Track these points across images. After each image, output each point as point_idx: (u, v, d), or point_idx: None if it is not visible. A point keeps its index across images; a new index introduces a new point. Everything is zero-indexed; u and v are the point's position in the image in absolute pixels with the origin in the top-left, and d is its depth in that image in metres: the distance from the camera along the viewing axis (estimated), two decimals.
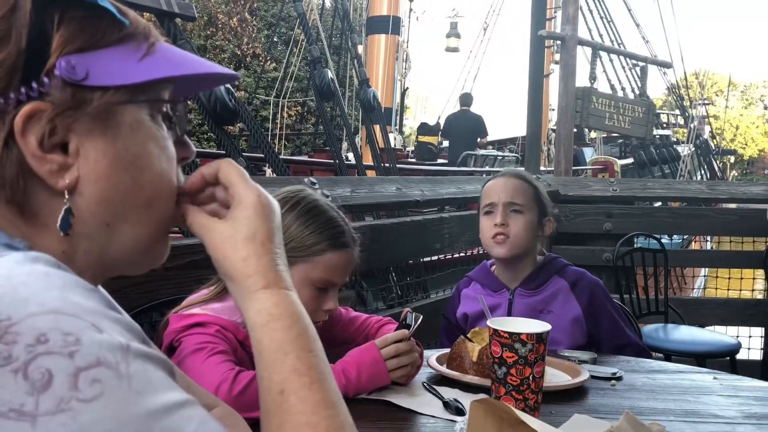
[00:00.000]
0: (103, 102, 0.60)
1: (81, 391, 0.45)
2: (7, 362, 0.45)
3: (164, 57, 0.64)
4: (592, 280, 1.93)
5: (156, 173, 0.64)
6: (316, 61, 4.52)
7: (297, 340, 0.64)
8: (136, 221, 0.64)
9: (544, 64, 4.91)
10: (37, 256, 0.52)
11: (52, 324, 0.47)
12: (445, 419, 1.25)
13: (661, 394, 1.45)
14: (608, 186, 4.08)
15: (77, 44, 0.59)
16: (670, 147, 12.42)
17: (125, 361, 0.48)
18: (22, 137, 0.57)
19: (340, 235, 1.35)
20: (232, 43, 18.95)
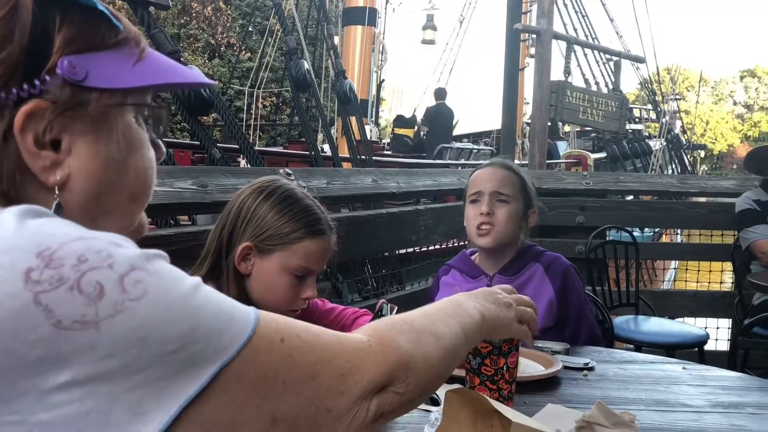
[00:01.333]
0: (100, 104, 0.63)
1: (129, 292, 0.52)
2: (60, 283, 0.50)
3: (154, 63, 0.68)
4: (565, 263, 1.96)
5: (140, 173, 0.68)
6: (292, 52, 4.51)
7: (442, 307, 0.82)
8: (119, 215, 0.68)
9: (519, 57, 4.94)
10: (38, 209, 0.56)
11: (84, 246, 0.53)
12: (419, 409, 1.26)
13: (632, 383, 1.48)
14: (581, 179, 4.12)
15: (77, 45, 0.62)
16: (642, 141, 12.58)
17: (149, 261, 0.55)
18: (21, 133, 0.59)
19: (317, 223, 1.35)
20: (207, 33, 18.75)
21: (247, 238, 1.32)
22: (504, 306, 0.95)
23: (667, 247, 5.97)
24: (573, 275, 1.95)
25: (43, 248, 0.51)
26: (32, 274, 0.50)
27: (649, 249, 4.69)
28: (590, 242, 3.60)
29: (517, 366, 1.25)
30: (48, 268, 0.50)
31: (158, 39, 3.21)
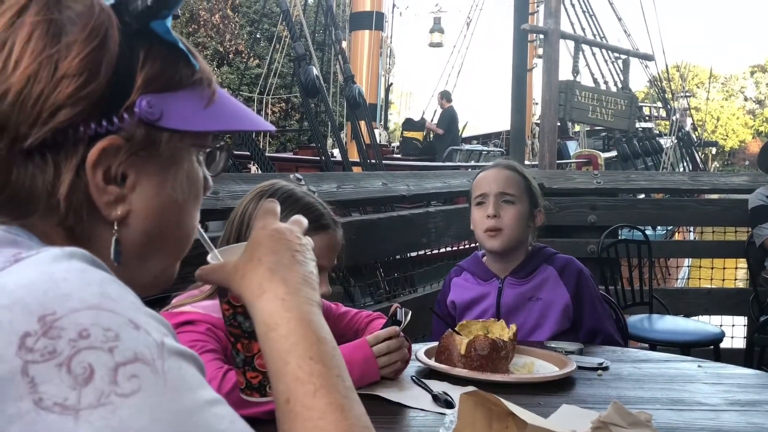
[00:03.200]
0: (171, 145, 0.63)
1: (120, 385, 0.47)
2: (51, 356, 0.46)
3: (223, 107, 0.67)
4: (579, 266, 1.95)
5: (193, 212, 0.69)
6: (300, 58, 4.53)
7: (295, 348, 0.64)
8: (166, 254, 0.68)
9: (527, 58, 4.93)
10: (72, 252, 0.53)
11: (93, 319, 0.48)
12: (434, 412, 1.26)
13: (647, 383, 1.47)
14: (592, 178, 4.11)
15: (157, 85, 0.61)
16: (653, 139, 12.51)
17: (161, 358, 0.49)
18: (93, 168, 0.59)
19: (320, 218, 1.36)
20: (215, 40, 18.83)
21: None
22: (309, 255, 0.75)
23: (680, 245, 5.92)
24: (587, 278, 1.94)
25: (48, 312, 0.48)
26: (28, 339, 0.46)
27: (662, 247, 4.67)
28: (602, 241, 3.59)
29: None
30: (45, 337, 0.47)
31: None
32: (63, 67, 0.57)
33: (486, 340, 1.46)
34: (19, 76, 0.56)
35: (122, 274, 0.62)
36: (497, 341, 1.46)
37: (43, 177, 0.58)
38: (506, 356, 1.47)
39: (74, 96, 0.57)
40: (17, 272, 0.50)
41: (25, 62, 0.56)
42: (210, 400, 0.51)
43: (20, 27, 0.57)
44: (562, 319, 1.87)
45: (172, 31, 0.63)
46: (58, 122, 0.57)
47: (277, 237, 0.72)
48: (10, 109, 0.56)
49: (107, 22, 0.59)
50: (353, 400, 0.62)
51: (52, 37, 0.57)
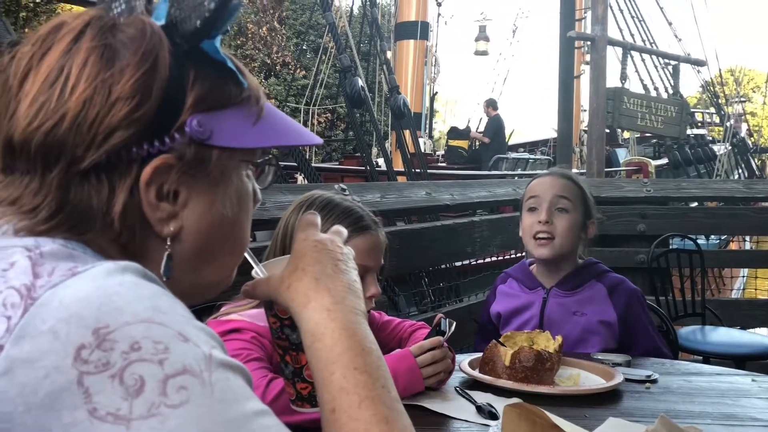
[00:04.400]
0: (221, 163, 0.65)
1: (169, 397, 0.48)
2: (105, 368, 0.48)
3: (271, 123, 0.69)
4: (631, 288, 1.90)
5: (244, 227, 0.71)
6: (346, 70, 4.57)
7: (340, 358, 0.64)
8: (219, 266, 0.70)
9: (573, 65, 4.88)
10: (126, 266, 0.55)
11: (145, 332, 0.50)
12: (478, 424, 1.26)
13: (697, 397, 1.43)
14: (642, 187, 4.03)
15: (207, 104, 0.63)
16: (706, 146, 12.17)
17: (208, 370, 0.51)
18: (146, 187, 0.61)
19: (360, 220, 1.37)
20: (262, 52, 19.16)
21: None
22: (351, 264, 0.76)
23: (735, 255, 5.76)
24: (638, 300, 1.89)
25: (102, 325, 0.50)
26: (83, 351, 0.49)
27: (715, 257, 4.54)
28: (652, 251, 3.51)
29: None
30: (99, 349, 0.49)
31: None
32: (116, 91, 0.59)
33: (531, 351, 1.45)
34: (75, 100, 0.59)
35: (175, 287, 0.64)
36: (542, 353, 1.45)
37: (98, 196, 0.60)
38: (551, 368, 1.45)
39: (127, 118, 0.59)
40: (73, 286, 0.52)
41: (81, 87, 0.59)
42: (257, 411, 0.52)
43: (76, 53, 0.60)
44: (606, 339, 1.83)
45: (221, 50, 0.65)
46: (112, 144, 0.59)
47: (320, 247, 0.73)
48: (67, 133, 0.59)
49: (158, 45, 0.61)
50: (398, 411, 0.63)
51: (107, 61, 0.60)
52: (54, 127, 0.58)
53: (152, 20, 0.63)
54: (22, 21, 13.04)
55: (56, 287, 0.52)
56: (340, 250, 0.75)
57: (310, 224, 0.77)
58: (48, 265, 0.54)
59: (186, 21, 0.62)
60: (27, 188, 0.60)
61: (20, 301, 0.51)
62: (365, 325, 0.69)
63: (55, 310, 0.50)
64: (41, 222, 0.59)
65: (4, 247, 0.57)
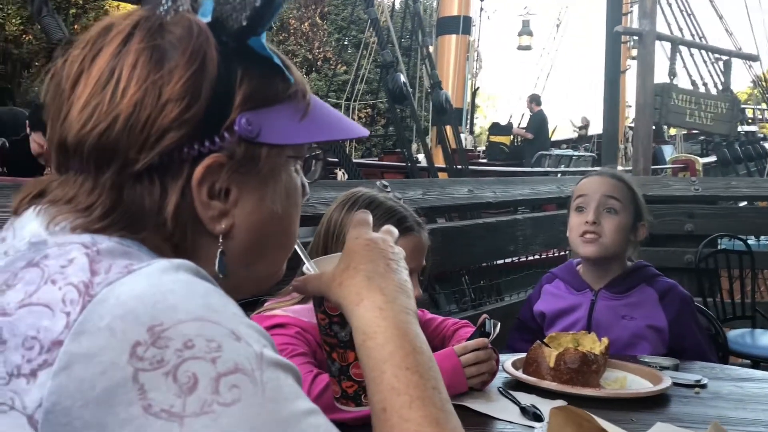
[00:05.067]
0: (270, 160, 0.65)
1: (221, 395, 0.49)
2: (160, 365, 0.49)
3: (318, 118, 0.69)
4: (683, 294, 1.86)
5: (293, 221, 0.71)
6: (388, 66, 4.57)
7: (392, 357, 0.64)
8: (270, 261, 0.71)
9: (620, 60, 4.79)
10: (179, 264, 0.56)
11: (198, 330, 0.51)
12: (522, 425, 1.24)
13: (749, 403, 1.39)
14: (689, 185, 3.93)
15: (255, 102, 0.63)
16: (757, 144, 11.81)
17: (260, 369, 0.52)
18: (198, 186, 0.61)
19: (403, 221, 1.36)
20: (304, 48, 19.29)
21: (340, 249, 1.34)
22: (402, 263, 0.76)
23: None
24: (690, 306, 1.86)
25: (157, 323, 0.50)
26: (138, 348, 0.49)
27: (767, 258, 4.39)
28: (700, 251, 3.43)
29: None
30: (154, 346, 0.50)
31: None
32: (167, 93, 0.59)
33: (576, 353, 1.42)
34: (126, 103, 0.59)
35: (228, 282, 0.65)
36: (588, 354, 1.42)
37: (151, 197, 0.61)
38: (597, 370, 1.43)
39: (178, 119, 0.60)
40: (129, 283, 0.53)
41: (132, 89, 0.59)
42: (306, 410, 0.53)
43: (126, 55, 0.60)
44: (656, 344, 1.79)
45: (268, 47, 0.65)
46: (164, 146, 0.60)
47: (372, 246, 0.74)
48: (120, 136, 0.59)
49: (205, 44, 0.61)
50: (449, 412, 0.63)
51: (156, 63, 0.60)
52: (106, 129, 0.59)
53: (198, 18, 0.63)
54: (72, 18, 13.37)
55: (113, 284, 0.53)
56: (391, 249, 0.75)
57: (362, 223, 0.78)
58: (105, 263, 0.55)
59: (232, 18, 0.62)
60: (81, 187, 0.61)
61: (78, 297, 0.52)
62: (416, 325, 0.69)
63: (112, 307, 0.51)
64: (96, 220, 0.60)
65: (62, 243, 0.58)
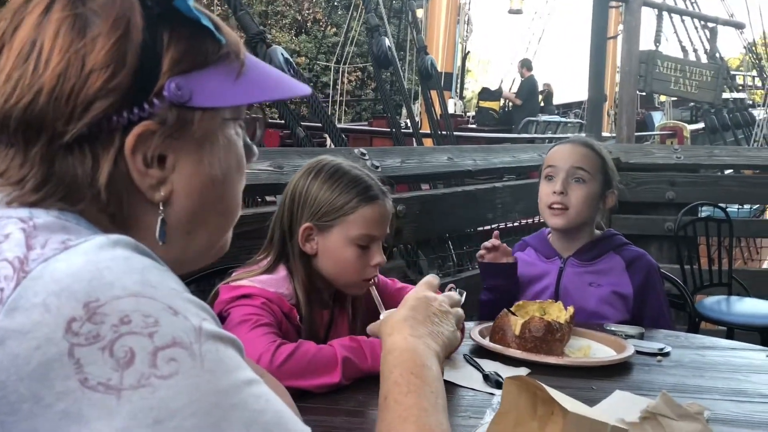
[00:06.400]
0: (204, 123, 0.64)
1: (159, 368, 0.50)
2: (96, 340, 0.50)
3: (255, 78, 0.68)
4: (650, 262, 1.89)
5: (236, 185, 0.70)
6: (373, 29, 4.52)
7: (402, 364, 0.79)
8: (213, 228, 0.70)
9: (606, 26, 4.73)
10: (117, 240, 0.56)
11: (134, 306, 0.51)
12: (484, 392, 1.27)
13: (708, 371, 1.43)
14: (672, 153, 3.95)
15: (184, 65, 0.62)
16: (745, 111, 11.80)
17: (198, 341, 0.52)
18: (132, 155, 0.61)
19: (368, 189, 1.37)
20: (293, 9, 18.98)
21: (306, 220, 1.35)
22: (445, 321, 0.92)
23: (766, 224, 5.62)
24: (656, 275, 1.89)
25: (92, 299, 0.51)
26: (74, 324, 0.50)
27: (745, 226, 4.44)
28: (680, 219, 3.46)
29: None
30: (89, 322, 0.50)
31: (244, 20, 3.30)
32: (90, 62, 0.58)
33: (541, 321, 1.45)
34: (49, 74, 0.58)
35: (171, 252, 0.66)
36: (553, 323, 1.45)
37: (82, 168, 0.60)
38: (561, 339, 1.45)
39: (104, 88, 0.59)
40: (66, 260, 0.53)
41: (55, 60, 0.58)
42: (246, 380, 0.54)
43: (47, 25, 0.59)
44: (620, 311, 1.83)
45: (195, 7, 0.63)
46: (92, 116, 0.59)
47: (423, 300, 0.90)
48: (45, 108, 0.58)
49: (129, 10, 0.60)
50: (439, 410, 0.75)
51: (78, 31, 0.59)
52: (31, 102, 0.58)
53: None
54: None
55: (48, 261, 0.53)
56: (440, 308, 0.91)
57: (427, 284, 0.96)
58: (41, 238, 0.55)
59: None
60: (12, 161, 0.61)
61: (13, 274, 0.53)
62: (433, 360, 0.82)
63: (47, 284, 0.52)
64: (30, 193, 0.60)
65: None
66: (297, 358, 1.18)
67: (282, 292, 1.33)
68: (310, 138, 3.84)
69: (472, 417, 1.16)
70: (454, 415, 1.18)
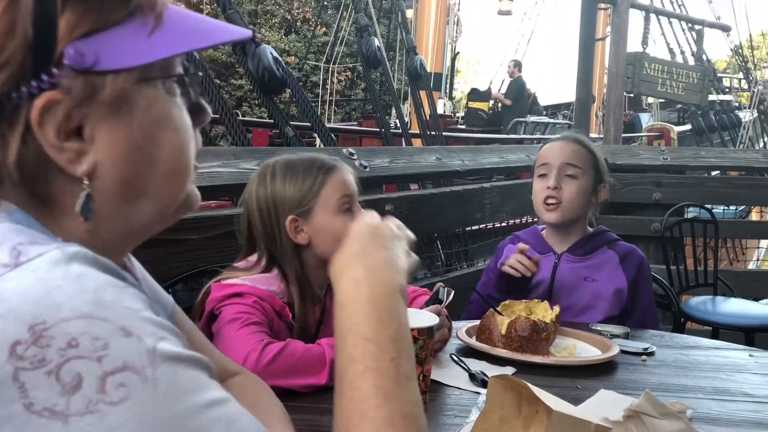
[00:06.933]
0: (116, 87, 0.58)
1: (108, 394, 0.47)
2: (41, 364, 0.47)
3: (173, 28, 0.62)
4: (641, 257, 1.93)
5: (173, 147, 0.64)
6: (363, 29, 4.52)
7: (355, 327, 0.65)
8: (157, 194, 0.64)
9: (595, 28, 4.76)
10: (74, 254, 0.53)
11: (83, 329, 0.49)
12: (470, 391, 1.28)
13: (692, 370, 1.44)
14: (659, 155, 3.98)
15: (84, 29, 0.57)
16: (731, 113, 11.92)
17: (152, 365, 0.50)
18: (40, 129, 0.56)
19: (323, 162, 1.40)
20: (283, 8, 18.93)
21: (285, 216, 1.36)
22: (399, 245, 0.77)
23: (750, 226, 5.66)
24: (647, 269, 1.93)
25: (39, 321, 0.48)
26: (18, 347, 0.47)
27: (731, 227, 4.48)
28: (666, 220, 3.48)
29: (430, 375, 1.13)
30: (34, 345, 0.47)
31: (233, 19, 3.30)
32: None
33: (527, 321, 1.46)
34: None
35: (115, 224, 0.63)
36: (538, 323, 1.46)
37: None
38: (547, 338, 1.47)
39: None
40: (15, 278, 0.51)
41: None
42: (207, 402, 0.51)
43: None
44: (614, 305, 1.86)
45: None
46: None
47: (370, 228, 0.75)
48: None
49: None
50: (401, 385, 0.62)
51: None
52: None
53: None
54: None
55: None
56: (389, 232, 0.76)
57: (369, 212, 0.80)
58: None
59: None
60: None
61: None
62: (393, 298, 0.68)
63: None
64: None
65: None
66: (284, 357, 1.19)
67: (273, 289, 1.33)
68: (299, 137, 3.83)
69: (458, 416, 1.17)
70: (440, 414, 1.19)
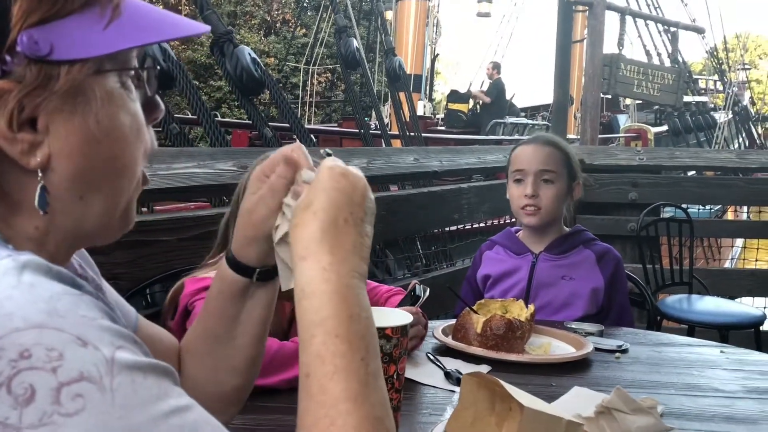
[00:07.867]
0: (71, 77, 0.57)
1: (63, 405, 0.45)
2: None
3: (131, 21, 0.60)
4: (617, 256, 1.96)
5: (127, 142, 0.62)
6: (341, 31, 4.53)
7: (324, 323, 0.61)
8: (108, 191, 0.63)
9: (571, 30, 4.81)
10: (26, 263, 0.51)
11: (36, 339, 0.47)
12: (445, 389, 1.28)
13: (664, 367, 1.46)
14: (635, 155, 4.02)
15: (38, 15, 0.55)
16: (707, 114, 12.10)
17: (109, 374, 0.48)
18: None
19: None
20: (262, 9, 18.89)
21: None
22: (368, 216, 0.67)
23: (725, 225, 5.74)
24: (622, 268, 1.96)
25: None
26: None
27: (705, 226, 4.54)
28: (642, 219, 3.52)
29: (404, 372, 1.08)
30: None
31: (211, 20, 3.29)
32: None
33: (502, 320, 1.47)
34: None
35: (66, 221, 0.61)
36: (513, 321, 1.47)
37: None
38: (522, 336, 1.48)
39: None
40: None
41: None
42: (168, 411, 0.49)
43: None
44: (591, 303, 1.88)
45: None
46: None
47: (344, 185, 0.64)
48: None
49: None
50: (372, 387, 0.60)
51: None
52: None
53: None
54: None
55: None
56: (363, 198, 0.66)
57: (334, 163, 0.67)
58: None
59: None
60: None
61: None
62: (360, 289, 0.64)
63: None
64: None
65: None
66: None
67: None
68: (278, 138, 3.83)
69: (433, 414, 1.17)
70: (415, 412, 1.19)
